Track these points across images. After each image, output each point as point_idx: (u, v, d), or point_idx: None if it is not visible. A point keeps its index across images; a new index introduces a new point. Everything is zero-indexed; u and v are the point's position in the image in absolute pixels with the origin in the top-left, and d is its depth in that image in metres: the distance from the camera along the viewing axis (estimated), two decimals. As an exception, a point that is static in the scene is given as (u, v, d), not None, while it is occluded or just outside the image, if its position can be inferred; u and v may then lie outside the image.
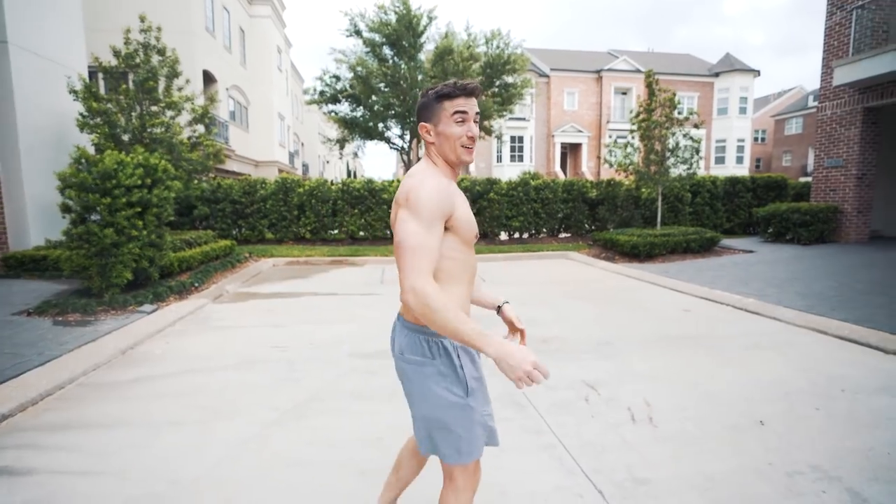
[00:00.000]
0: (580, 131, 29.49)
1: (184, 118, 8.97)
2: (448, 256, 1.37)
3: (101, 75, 8.30)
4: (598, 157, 28.92)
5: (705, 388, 3.33)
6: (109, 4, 12.60)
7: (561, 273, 8.46)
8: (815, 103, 34.64)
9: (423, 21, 14.21)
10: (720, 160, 30.12)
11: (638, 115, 10.10)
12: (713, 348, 4.13)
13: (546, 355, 4.04)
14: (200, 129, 9.47)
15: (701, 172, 24.60)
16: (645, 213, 12.22)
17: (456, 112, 1.36)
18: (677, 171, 10.07)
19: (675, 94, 9.88)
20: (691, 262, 8.88)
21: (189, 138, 8.75)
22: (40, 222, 7.28)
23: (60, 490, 2.22)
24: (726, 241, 10.90)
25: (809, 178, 29.36)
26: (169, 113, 8.25)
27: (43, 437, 2.70)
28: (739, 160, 30.13)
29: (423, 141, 1.45)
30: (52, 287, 5.91)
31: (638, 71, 29.33)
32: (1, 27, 6.80)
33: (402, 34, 14.02)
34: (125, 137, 7.82)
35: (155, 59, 8.15)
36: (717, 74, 30.16)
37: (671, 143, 9.90)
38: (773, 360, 3.84)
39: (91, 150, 7.84)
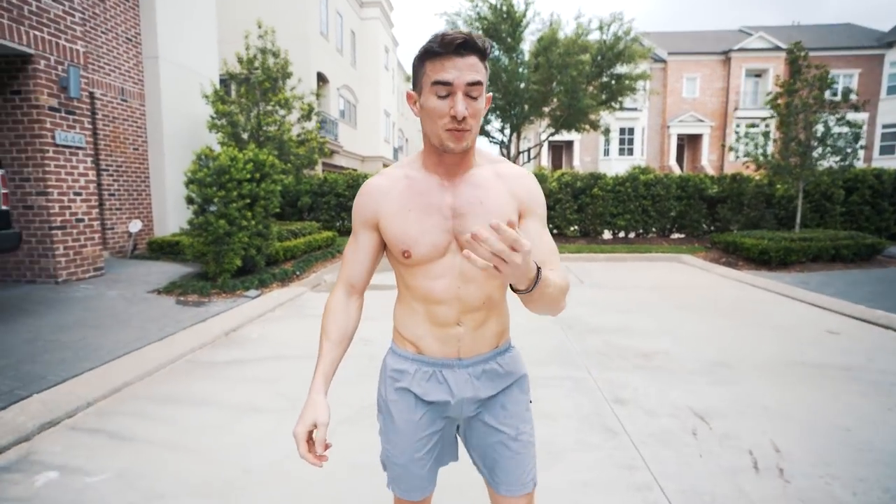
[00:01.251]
0: (701, 121, 26.54)
1: (294, 116, 9.61)
2: (393, 268, 1.16)
3: (231, 80, 9.23)
4: (723, 148, 25.86)
5: (860, 436, 2.62)
6: (239, 16, 14.04)
7: (671, 278, 7.62)
8: None
9: (520, 8, 13.69)
10: (888, 150, 24.99)
11: (775, 97, 8.65)
12: (872, 385, 3.29)
13: (646, 372, 3.55)
14: (310, 125, 10.10)
15: (859, 165, 20.53)
16: (779, 214, 10.55)
17: (437, 82, 0.96)
18: (826, 163, 8.45)
19: (827, 71, 8.27)
20: (842, 272, 7.42)
21: (298, 135, 9.36)
22: (177, 212, 8.31)
23: (151, 462, 2.37)
24: (893, 249, 8.95)
25: None
26: (281, 111, 8.89)
27: (150, 406, 2.95)
28: (914, 150, 24.82)
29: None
30: (181, 270, 6.66)
31: (777, 48, 25.51)
32: (154, 44, 7.85)
33: (499, 25, 13.65)
34: (244, 135, 8.59)
35: (270, 61, 8.83)
36: (890, 45, 25.00)
37: (819, 129, 8.32)
38: (968, 410, 2.92)
39: (217, 149, 8.75)
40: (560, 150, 29.63)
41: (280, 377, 3.46)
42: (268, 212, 6.35)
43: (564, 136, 21.85)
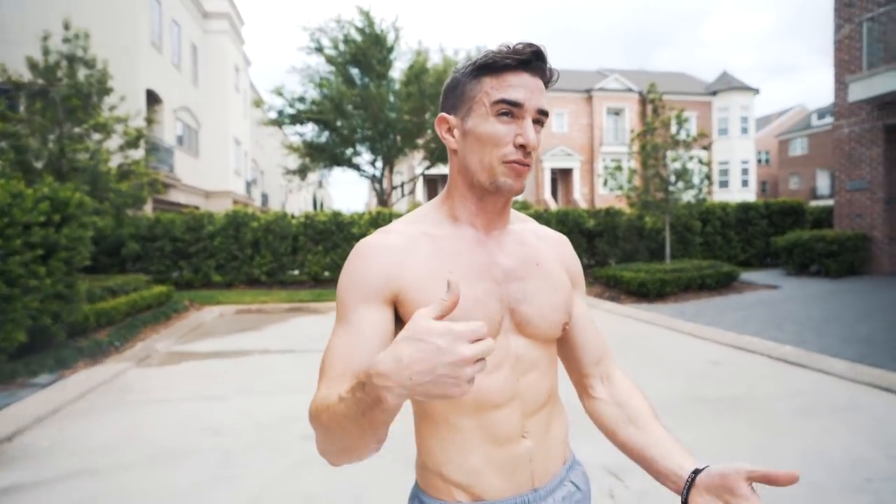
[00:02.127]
0: (571, 155, 29.90)
1: (115, 142, 8.45)
2: None
3: (19, 92, 7.78)
4: (593, 183, 29.34)
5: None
6: (34, 11, 12.20)
7: (561, 317, 8.06)
8: (819, 122, 36.15)
9: (391, 35, 14.21)
10: (724, 184, 30.78)
11: (637, 135, 10.03)
12: (758, 413, 3.72)
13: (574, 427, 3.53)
14: (137, 154, 8.95)
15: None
16: (651, 245, 12.05)
17: (502, 101, 0.82)
18: (686, 197, 9.94)
19: (682, 111, 9.86)
20: (709, 300, 8.62)
21: (120, 166, 8.21)
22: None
23: None
24: (745, 276, 10.73)
25: (822, 202, 30.29)
26: (96, 136, 7.72)
27: None
28: (745, 184, 30.86)
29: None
30: (-75, 353, 5.18)
31: (630, 90, 30.16)
32: None
33: (368, 51, 13.95)
34: (38, 164, 7.24)
35: (82, 73, 7.68)
36: (714, 93, 31.25)
37: (677, 166, 9.81)
38: (836, 430, 3.41)
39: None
40: (435, 185, 30.80)
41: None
42: (72, 265, 5.33)
43: (440, 169, 22.80)
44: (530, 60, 0.83)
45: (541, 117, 0.85)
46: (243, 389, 4.61)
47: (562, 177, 31.49)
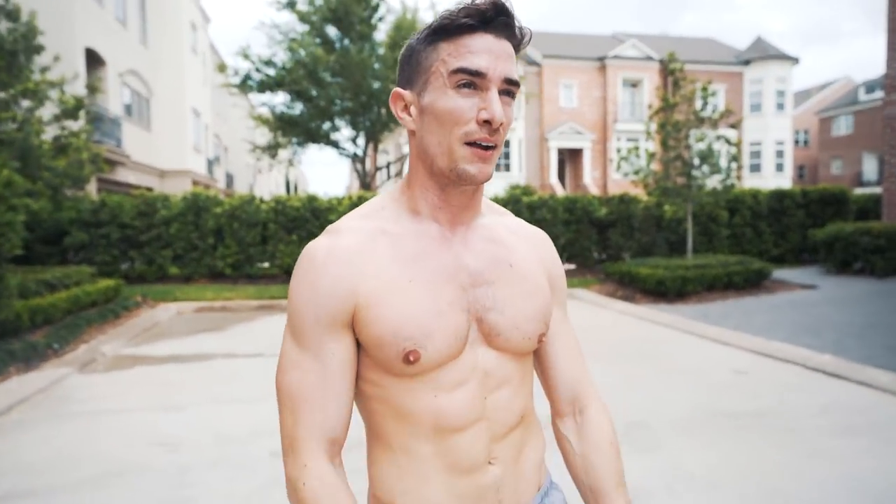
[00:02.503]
0: (581, 133, 29.95)
1: (49, 111, 8.33)
2: (365, 392, 0.88)
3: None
4: (606, 166, 29.44)
5: (789, 493, 2.91)
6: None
7: (568, 319, 8.13)
8: (867, 97, 36.31)
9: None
10: (755, 168, 30.93)
11: (656, 112, 10.05)
12: (789, 431, 3.78)
13: (555, 449, 3.56)
14: (76, 125, 8.84)
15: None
16: (670, 238, 12.14)
17: (461, 70, 0.79)
18: (711, 182, 10.00)
19: (708, 84, 9.89)
20: (736, 301, 8.72)
21: (56, 139, 8.09)
22: None
23: None
24: (778, 274, 10.85)
25: (868, 190, 30.46)
26: (25, 103, 7.61)
27: None
28: (780, 168, 31.00)
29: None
30: None
31: (649, 58, 30.18)
32: None
33: (349, 7, 13.83)
34: (-42, 137, 7.13)
35: (3, 25, 7.54)
36: (746, 62, 31.28)
37: (701, 147, 9.85)
38: (880, 452, 3.46)
39: None
40: (427, 165, 30.76)
41: (16, 531, 2.70)
42: (2, 255, 5.26)
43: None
44: (493, 18, 0.80)
45: (510, 87, 0.81)
46: (205, 399, 4.61)
47: (570, 158, 31.55)
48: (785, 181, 30.70)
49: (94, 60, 14.92)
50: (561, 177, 31.68)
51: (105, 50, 15.15)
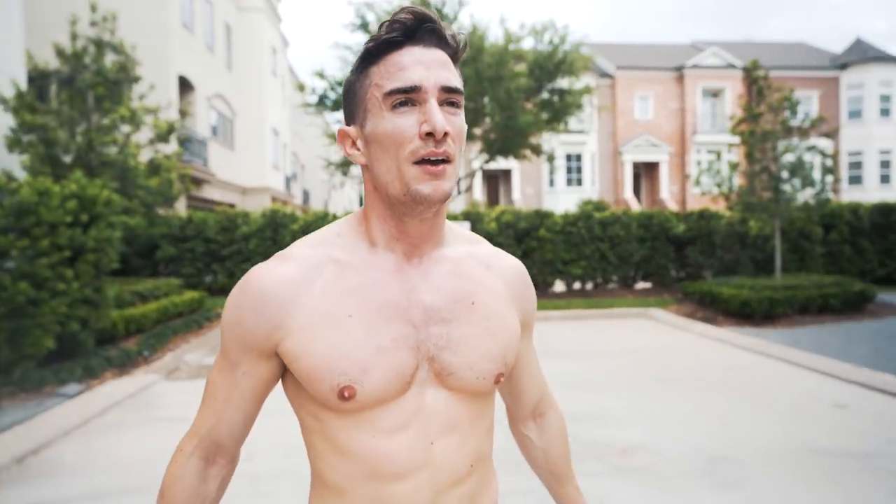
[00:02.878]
0: (657, 146, 29.03)
1: (145, 135, 9.03)
2: (304, 424, 0.88)
3: (47, 81, 8.48)
4: (685, 180, 28.34)
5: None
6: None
7: (641, 341, 7.89)
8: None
9: (450, 9, 14.32)
10: (856, 180, 28.69)
11: (739, 122, 9.61)
12: (897, 475, 3.43)
13: (628, 477, 3.45)
14: (169, 148, 9.52)
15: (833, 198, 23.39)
16: (756, 256, 11.50)
17: (394, 91, 0.77)
18: (802, 196, 9.42)
19: (791, 92, 9.37)
20: (834, 326, 8.13)
21: (150, 161, 8.75)
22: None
23: None
24: (884, 296, 10.01)
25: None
26: (125, 128, 8.28)
27: None
28: (885, 179, 28.54)
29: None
30: (-46, 357, 5.72)
31: (732, 66, 28.93)
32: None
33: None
34: (66, 159, 7.85)
35: (109, 58, 8.27)
36: (843, 66, 29.29)
37: (790, 158, 9.31)
38: None
39: (21, 176, 7.88)
40: (496, 181, 30.78)
41: (106, 529, 2.90)
42: (100, 269, 5.74)
43: (501, 163, 22.74)
44: (416, 28, 0.78)
45: (451, 97, 0.78)
46: (276, 411, 4.76)
47: (646, 172, 30.62)
48: (891, 194, 28.25)
49: (184, 86, 16.05)
50: (636, 192, 30.77)
51: (195, 76, 16.26)
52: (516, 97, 14.35)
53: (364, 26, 15.03)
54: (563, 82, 15.91)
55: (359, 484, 0.82)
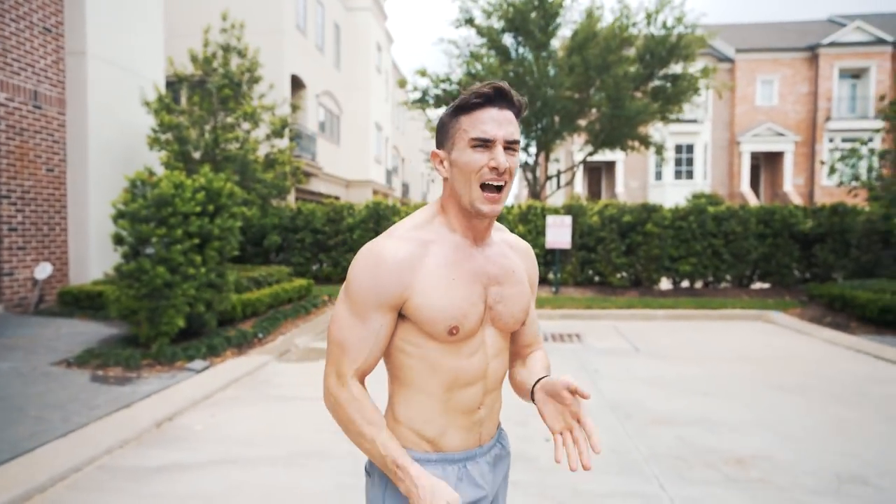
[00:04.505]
0: (781, 135, 26.79)
1: (262, 131, 9.72)
2: (404, 351, 1.27)
3: (181, 84, 9.38)
4: (813, 171, 25.96)
5: None
6: (193, 4, 14.53)
7: (759, 345, 7.39)
8: None
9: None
10: None
11: (892, 104, 8.66)
12: None
13: (744, 489, 3.26)
14: (282, 143, 10.18)
15: None
16: (900, 256, 10.34)
17: (473, 139, 1.19)
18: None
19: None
20: None
21: (267, 155, 9.41)
22: (102, 254, 8.23)
23: None
24: None
25: None
26: (245, 125, 8.96)
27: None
28: None
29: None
30: (103, 330, 6.50)
31: (881, 41, 25.96)
32: (81, 36, 8.01)
33: (528, 15, 13.98)
34: (196, 155, 8.63)
35: (234, 62, 8.98)
36: None
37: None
38: None
39: (159, 171, 8.77)
40: (598, 174, 29.90)
41: (235, 493, 3.20)
42: (223, 255, 6.26)
43: (604, 155, 22.06)
44: (494, 98, 1.19)
45: (511, 145, 1.20)
46: (378, 397, 5.01)
47: (767, 163, 28.39)
48: None
49: (296, 84, 17.03)
50: (754, 185, 28.65)
51: (306, 75, 17.21)
52: (624, 86, 13.84)
53: (469, 21, 15.09)
54: (676, 67, 15.10)
55: (444, 389, 1.26)
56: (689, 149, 27.02)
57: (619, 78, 13.73)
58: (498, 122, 1.18)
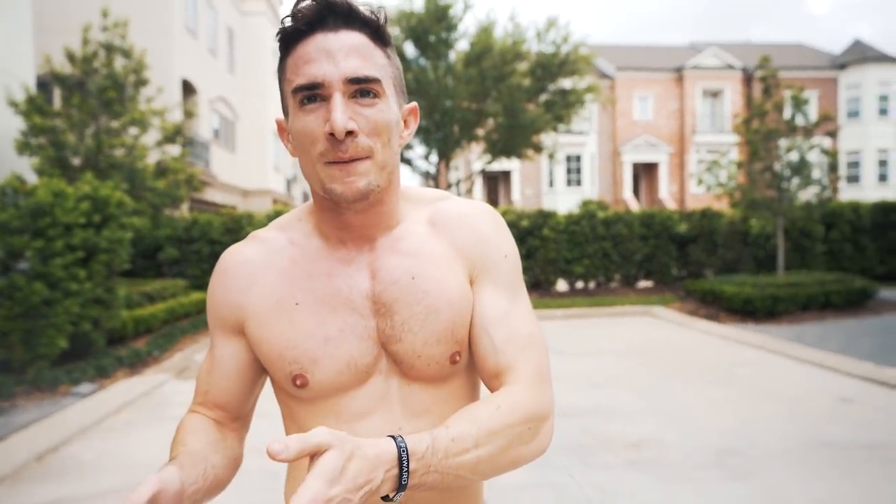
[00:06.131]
0: (656, 146, 29.13)
1: (152, 137, 9.07)
2: (285, 415, 0.89)
3: (57, 85, 8.53)
4: (684, 179, 28.41)
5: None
6: (72, 0, 13.31)
7: (645, 338, 7.93)
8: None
9: (458, 10, 14.37)
10: (853, 179, 28.81)
11: (747, 119, 9.68)
12: (905, 465, 3.48)
13: (641, 469, 3.50)
14: (174, 150, 9.56)
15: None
16: (758, 254, 11.57)
17: (296, 89, 0.73)
18: (804, 195, 9.49)
19: (801, 90, 9.45)
20: (836, 323, 8.19)
21: (158, 163, 8.79)
22: (-35, 270, 7.27)
23: None
24: (885, 293, 10.08)
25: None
26: (133, 130, 8.32)
27: None
28: (883, 178, 28.65)
29: None
30: (-32, 358, 5.75)
31: (731, 67, 29.05)
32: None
33: (429, 27, 14.19)
34: (75, 161, 7.89)
35: (119, 62, 8.32)
36: (842, 67, 29.45)
37: (793, 157, 9.38)
38: None
39: (32, 179, 7.91)
40: (496, 182, 30.86)
41: (130, 522, 2.94)
42: (112, 269, 5.78)
43: (501, 164, 22.83)
44: (317, 15, 0.71)
45: (362, 86, 0.72)
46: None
47: (645, 172, 30.71)
48: (889, 192, 28.35)
49: (187, 89, 16.09)
50: (635, 192, 30.86)
51: (198, 79, 16.31)
52: (518, 97, 14.42)
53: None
54: (565, 83, 15.99)
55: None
56: (578, 159, 28.66)
57: (513, 89, 14.29)
58: (327, 53, 0.71)
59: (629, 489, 3.25)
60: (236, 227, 11.42)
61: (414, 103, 0.84)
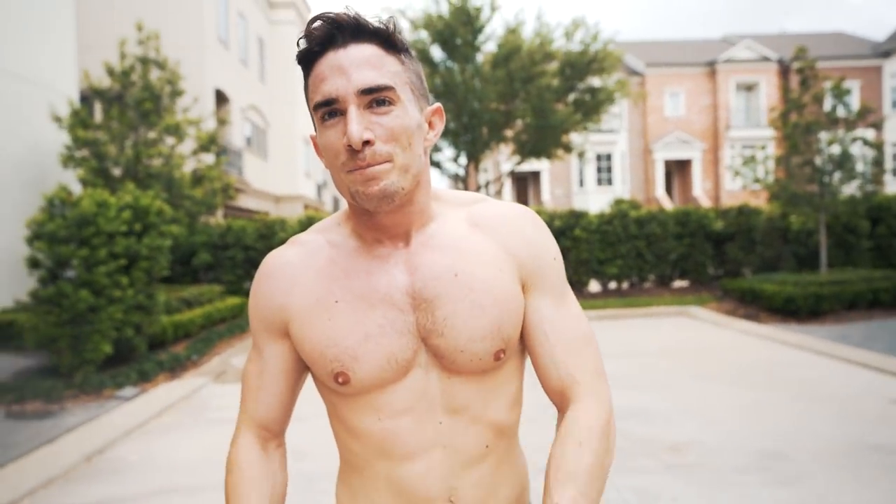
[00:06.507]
0: (689, 143, 28.55)
1: (188, 146, 9.32)
2: (331, 413, 0.90)
3: (98, 99, 8.84)
4: (718, 176, 27.77)
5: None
6: (111, 15, 13.78)
7: (681, 338, 7.79)
8: None
9: (485, 13, 14.35)
10: (899, 171, 27.81)
11: (784, 112, 9.41)
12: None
13: (682, 473, 3.42)
14: (208, 158, 9.79)
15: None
16: (799, 251, 11.22)
17: (315, 107, 0.77)
18: (848, 189, 9.17)
19: (841, 80, 9.14)
20: (884, 322, 7.93)
21: (194, 171, 9.02)
22: (12, 279, 7.57)
23: None
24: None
25: None
26: (169, 140, 8.56)
27: None
28: (930, 170, 27.66)
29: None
30: (16, 362, 5.98)
31: (766, 59, 28.27)
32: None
33: (456, 30, 14.22)
34: (116, 172, 8.15)
35: (154, 74, 8.58)
36: (886, 55, 28.37)
37: (835, 150, 9.08)
38: None
39: (77, 190, 8.21)
40: (525, 183, 30.68)
41: (175, 523, 3.02)
42: (152, 276, 5.94)
43: (530, 165, 22.70)
44: (327, 35, 0.75)
45: (376, 96, 0.75)
46: (325, 411, 4.89)
47: (678, 170, 30.13)
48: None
49: (220, 98, 16.47)
50: (668, 190, 30.30)
51: (230, 88, 16.67)
52: (547, 97, 14.33)
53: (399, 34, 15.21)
54: (594, 81, 15.83)
55: (373, 463, 0.85)
56: (608, 157, 28.29)
57: (542, 89, 14.19)
58: (339, 69, 0.74)
59: (669, 493, 3.18)
60: (269, 233, 11.62)
61: (438, 104, 0.86)
